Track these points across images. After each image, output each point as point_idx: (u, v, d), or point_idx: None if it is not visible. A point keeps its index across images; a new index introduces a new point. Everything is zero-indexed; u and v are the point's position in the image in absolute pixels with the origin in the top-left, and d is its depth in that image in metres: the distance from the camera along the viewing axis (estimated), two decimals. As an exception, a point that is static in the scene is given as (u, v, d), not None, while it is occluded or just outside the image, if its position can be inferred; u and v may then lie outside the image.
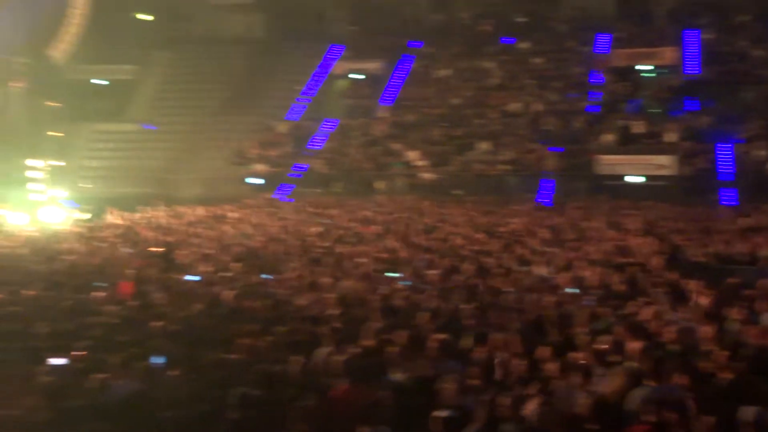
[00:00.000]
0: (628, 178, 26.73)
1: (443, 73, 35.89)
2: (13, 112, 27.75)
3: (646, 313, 9.50)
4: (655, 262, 13.32)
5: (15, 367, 7.82)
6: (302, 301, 10.72)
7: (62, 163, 28.09)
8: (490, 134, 30.71)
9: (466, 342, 8.54)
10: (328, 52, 37.83)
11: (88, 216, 23.95)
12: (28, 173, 26.51)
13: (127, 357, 7.95)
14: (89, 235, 19.15)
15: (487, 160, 29.42)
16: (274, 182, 30.34)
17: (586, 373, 7.34)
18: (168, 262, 14.77)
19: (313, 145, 33.02)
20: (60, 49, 28.44)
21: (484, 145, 30.03)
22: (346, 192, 28.46)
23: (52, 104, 28.15)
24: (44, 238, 19.00)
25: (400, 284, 11.90)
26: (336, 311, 10.14)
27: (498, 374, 7.70)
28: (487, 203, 23.91)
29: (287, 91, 36.83)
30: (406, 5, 39.06)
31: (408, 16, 39.14)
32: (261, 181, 30.66)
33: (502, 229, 18.13)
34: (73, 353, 8.17)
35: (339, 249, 15.69)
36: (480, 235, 17.12)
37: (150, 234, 18.77)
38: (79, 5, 28.58)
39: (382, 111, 34.45)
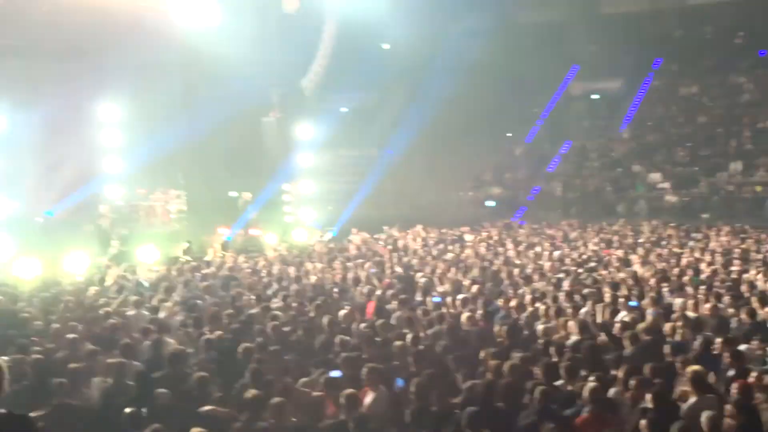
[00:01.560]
0: None
1: (689, 90, 34.23)
2: (268, 141, 29.89)
3: None
4: None
5: (275, 378, 8.32)
6: (543, 326, 10.64)
7: (310, 187, 29.81)
8: (743, 154, 28.83)
9: (718, 376, 8.11)
10: (567, 72, 37.43)
11: (332, 236, 25.12)
12: (282, 197, 28.80)
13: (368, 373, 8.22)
14: (333, 255, 20.05)
15: (739, 181, 27.67)
16: (510, 205, 30.31)
17: None
18: (408, 283, 15.14)
19: (549, 167, 32.67)
20: (310, 80, 30.21)
21: (735, 166, 28.25)
22: (584, 215, 27.81)
23: (302, 132, 29.93)
24: (292, 257, 20.17)
25: (647, 312, 11.43)
26: (577, 338, 10.00)
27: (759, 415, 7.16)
28: (740, 227, 22.33)
29: (524, 113, 36.77)
30: (648, 20, 37.59)
31: (650, 31, 37.64)
32: (497, 204, 30.73)
33: (758, 256, 16.96)
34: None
35: (578, 274, 15.34)
36: (732, 262, 16.10)
37: (391, 255, 19.32)
38: (328, 37, 30.19)
39: (623, 131, 33.43)
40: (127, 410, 7.22)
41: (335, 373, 8.40)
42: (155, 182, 27.64)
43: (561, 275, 15.32)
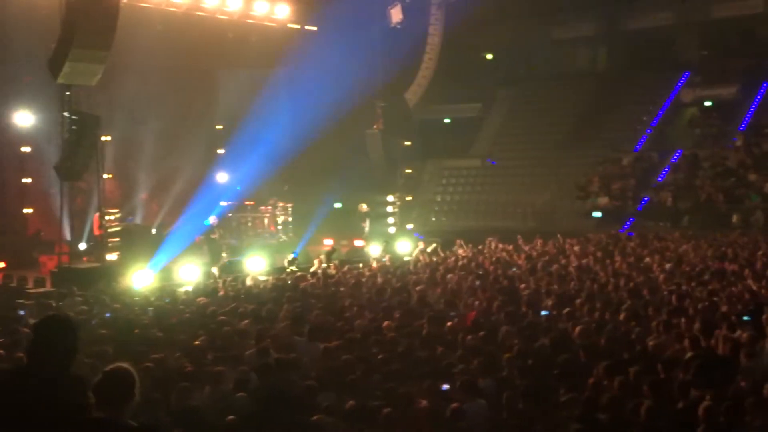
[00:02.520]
0: None
1: (809, 95, 32.78)
2: (372, 152, 30.14)
3: None
4: None
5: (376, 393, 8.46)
6: (655, 341, 10.29)
7: (413, 198, 29.92)
8: None
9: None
10: (678, 78, 36.41)
11: (434, 248, 24.80)
12: (387, 208, 29.20)
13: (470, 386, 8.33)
14: (436, 266, 19.87)
15: None
16: (617, 216, 29.69)
17: None
18: (513, 295, 14.78)
19: (659, 177, 31.86)
20: (413, 92, 30.40)
21: None
22: (695, 226, 26.92)
23: (405, 143, 30.11)
24: (396, 268, 20.07)
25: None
26: (690, 354, 9.47)
27: None
28: None
29: (632, 122, 36.07)
30: (762, 23, 36.01)
31: (764, 34, 35.99)
32: (603, 215, 30.18)
33: None
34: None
35: (691, 288, 14.77)
36: None
37: (494, 267, 19.01)
38: (432, 48, 30.36)
39: (737, 139, 32.27)
40: (230, 418, 7.48)
41: (445, 386, 8.43)
42: (263, 194, 28.30)
43: (672, 288, 14.77)
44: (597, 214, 30.38)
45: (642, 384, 8.26)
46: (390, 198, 29.83)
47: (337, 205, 29.28)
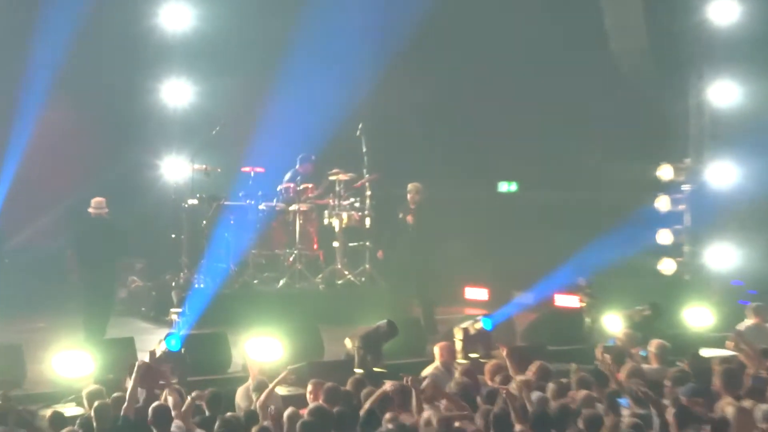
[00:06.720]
0: None
1: None
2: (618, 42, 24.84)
3: None
4: None
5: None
6: None
7: (730, 176, 24.91)
8: None
9: None
10: None
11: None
12: (659, 203, 25.34)
13: None
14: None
15: None
16: None
17: None
18: None
19: None
20: None
21: None
22: None
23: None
24: (676, 374, 15.59)
25: None
26: None
27: None
28: None
29: None
30: None
31: None
32: None
33: None
34: None
35: None
36: None
37: None
38: None
39: None
40: None
41: None
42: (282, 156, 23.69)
43: None
44: None
45: None
46: (666, 171, 24.46)
47: (507, 186, 27.03)
